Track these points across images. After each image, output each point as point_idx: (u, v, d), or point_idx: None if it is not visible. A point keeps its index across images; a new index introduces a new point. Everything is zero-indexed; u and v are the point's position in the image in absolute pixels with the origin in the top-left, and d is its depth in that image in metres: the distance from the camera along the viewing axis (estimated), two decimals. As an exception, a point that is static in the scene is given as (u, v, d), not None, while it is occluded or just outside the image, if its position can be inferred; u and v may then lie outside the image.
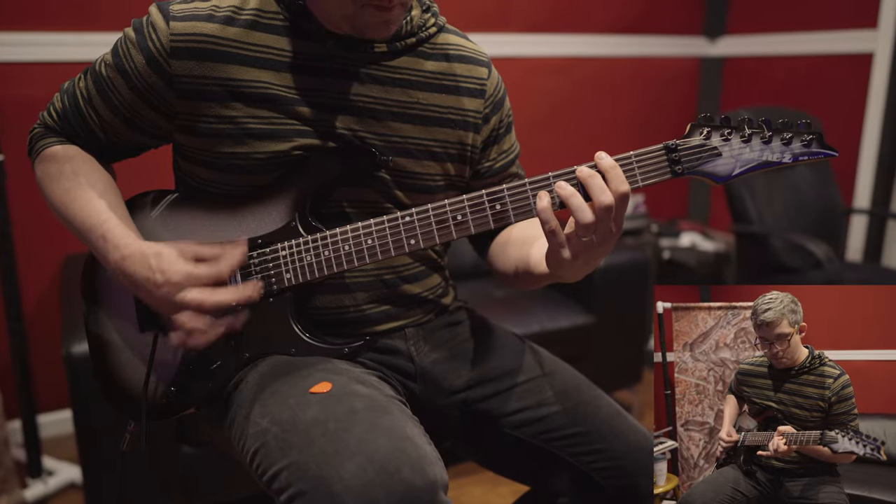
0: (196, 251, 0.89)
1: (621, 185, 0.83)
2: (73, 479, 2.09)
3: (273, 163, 0.94)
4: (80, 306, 1.77)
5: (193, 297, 0.86)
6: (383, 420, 0.81)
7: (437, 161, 1.02)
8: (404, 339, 1.06)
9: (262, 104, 0.93)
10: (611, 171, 0.83)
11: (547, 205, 0.83)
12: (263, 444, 0.83)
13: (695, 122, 0.84)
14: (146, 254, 0.87)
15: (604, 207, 0.82)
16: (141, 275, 0.87)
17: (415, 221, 0.90)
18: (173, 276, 0.86)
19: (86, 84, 0.99)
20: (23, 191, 2.11)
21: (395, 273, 1.03)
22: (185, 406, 0.98)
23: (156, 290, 0.87)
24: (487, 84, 1.07)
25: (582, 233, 0.83)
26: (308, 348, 0.95)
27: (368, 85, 0.97)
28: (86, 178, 0.96)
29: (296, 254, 0.94)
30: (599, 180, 0.83)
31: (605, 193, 0.82)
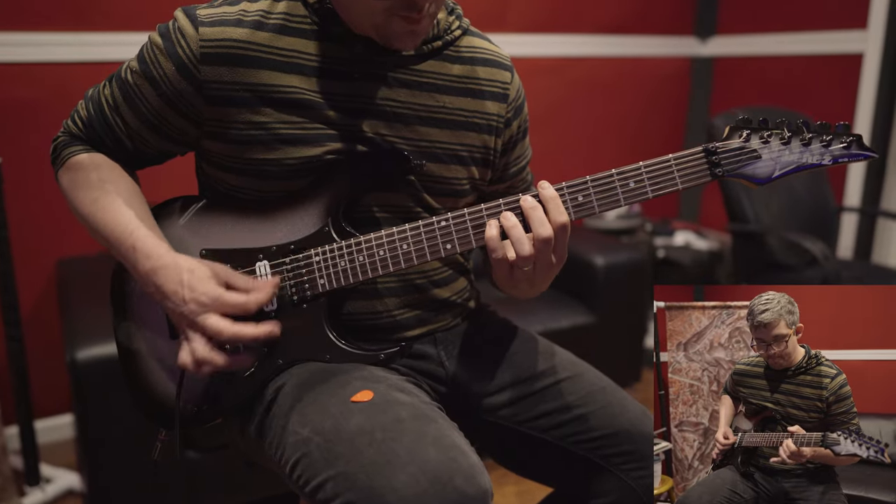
0: (229, 277, 0.89)
1: (559, 216, 0.85)
2: (72, 486, 2.06)
3: (305, 168, 0.93)
4: (79, 310, 1.80)
5: (213, 324, 0.85)
6: (430, 429, 0.81)
7: (463, 165, 1.02)
8: (434, 344, 1.06)
9: (293, 109, 0.92)
10: (550, 202, 0.86)
11: (495, 234, 0.86)
12: (305, 454, 0.82)
13: (733, 125, 0.85)
14: (181, 267, 0.87)
15: (542, 239, 0.85)
16: (169, 288, 0.86)
17: (451, 226, 0.90)
18: (201, 296, 0.85)
19: (111, 91, 0.97)
20: (17, 193, 2.08)
21: (425, 277, 1.03)
22: (216, 414, 0.97)
23: (180, 306, 0.86)
24: (510, 88, 1.07)
25: (521, 263, 0.86)
26: (343, 355, 0.94)
27: (396, 89, 0.96)
28: (113, 187, 0.95)
29: (329, 259, 0.93)
30: (540, 212, 0.86)
31: (544, 226, 0.85)
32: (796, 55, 3.03)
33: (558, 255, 0.88)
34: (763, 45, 3.15)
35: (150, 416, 0.99)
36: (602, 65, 3.16)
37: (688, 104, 3.46)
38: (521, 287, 0.94)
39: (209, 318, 0.85)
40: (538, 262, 0.87)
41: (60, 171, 1.00)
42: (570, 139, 3.12)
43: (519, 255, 0.86)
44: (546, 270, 0.89)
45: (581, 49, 3.07)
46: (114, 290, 1.01)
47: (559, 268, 0.91)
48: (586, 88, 3.14)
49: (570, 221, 0.86)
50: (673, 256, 2.93)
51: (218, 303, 0.86)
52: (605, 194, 0.87)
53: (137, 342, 0.99)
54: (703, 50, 3.37)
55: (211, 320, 0.85)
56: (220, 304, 0.86)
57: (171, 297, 0.86)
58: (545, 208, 0.86)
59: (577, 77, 3.09)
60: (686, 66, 3.40)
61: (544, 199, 0.86)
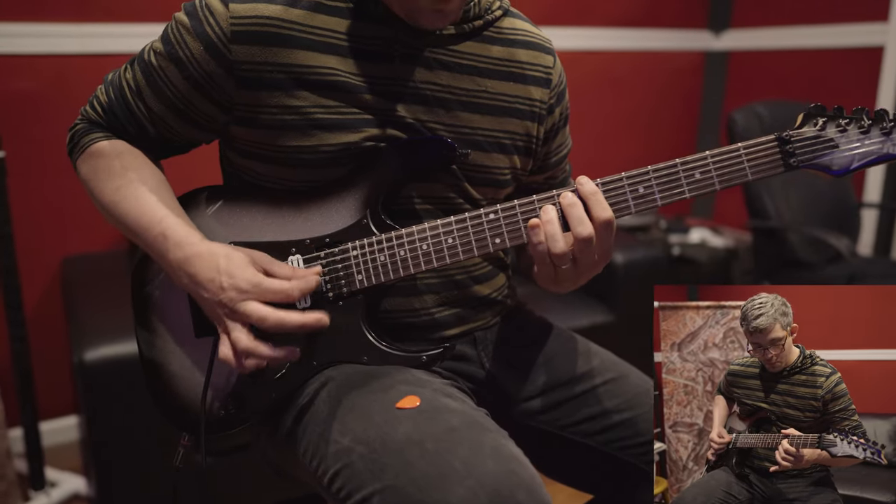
0: (268, 264, 0.82)
1: (602, 213, 0.80)
2: (78, 491, 2.00)
3: (343, 155, 0.87)
4: (85, 309, 1.74)
5: (256, 310, 0.79)
6: (486, 438, 0.75)
7: (505, 153, 0.97)
8: (473, 345, 1.01)
9: (329, 92, 0.86)
10: (591, 198, 0.80)
11: (543, 238, 0.81)
12: (347, 466, 0.76)
13: (807, 112, 0.79)
14: (216, 254, 0.80)
15: (582, 238, 0.79)
16: (205, 275, 0.80)
17: (500, 219, 0.84)
18: (241, 282, 0.79)
19: (133, 75, 0.91)
20: (21, 189, 2.02)
21: (466, 273, 0.97)
22: (244, 419, 0.91)
23: (218, 294, 0.79)
24: (553, 73, 1.02)
25: (557, 261, 0.81)
26: (382, 356, 0.88)
27: (436, 71, 0.91)
28: (137, 174, 0.89)
29: (368, 254, 0.87)
30: (579, 209, 0.80)
31: (583, 224, 0.79)
32: (814, 49, 2.97)
33: (601, 253, 0.83)
34: (780, 38, 3.10)
35: (174, 420, 0.93)
36: (612, 59, 3.09)
37: (701, 100, 3.40)
38: (564, 284, 0.88)
39: (250, 305, 0.79)
40: (579, 261, 0.82)
41: (80, 159, 0.93)
42: (579, 135, 3.03)
43: (552, 252, 0.80)
44: (589, 269, 0.84)
45: (590, 43, 3.01)
46: (134, 291, 0.95)
47: (603, 265, 0.86)
48: (596, 83, 3.08)
49: (614, 218, 0.81)
50: (689, 254, 2.88)
51: (259, 289, 0.79)
52: (669, 185, 0.81)
53: (160, 343, 0.93)
54: (717, 44, 3.31)
55: (252, 306, 0.79)
56: (262, 291, 0.79)
57: (207, 286, 0.80)
58: (585, 205, 0.80)
59: (586, 72, 3.03)
60: (699, 60, 3.34)
61: (584, 196, 0.80)
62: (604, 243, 0.81)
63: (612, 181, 0.82)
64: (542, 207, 0.82)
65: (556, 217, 0.81)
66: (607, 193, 0.81)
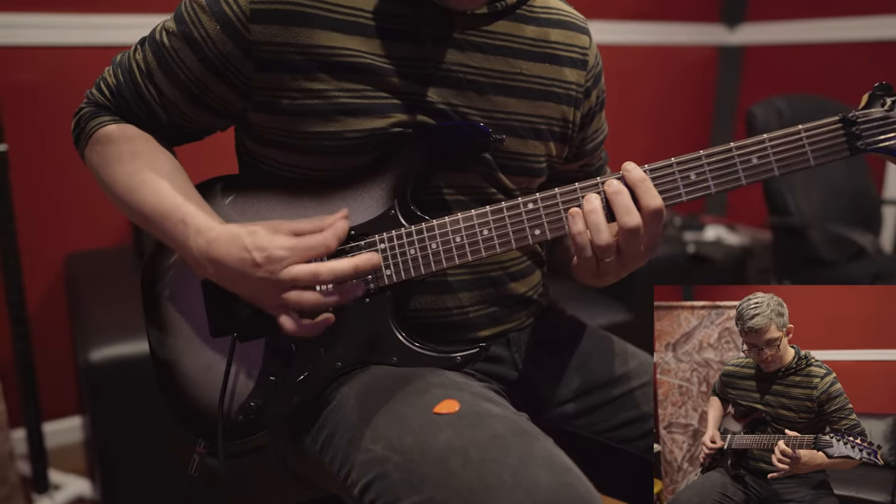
0: (292, 227, 0.76)
1: (652, 201, 0.75)
2: (82, 493, 1.96)
3: (369, 142, 0.82)
4: (90, 308, 1.69)
5: (303, 270, 0.73)
6: (535, 447, 0.69)
7: (541, 140, 0.91)
8: (507, 346, 0.95)
9: (354, 75, 0.80)
10: (640, 186, 0.75)
11: (583, 227, 0.76)
12: (381, 476, 0.70)
13: (873, 91, 0.73)
14: (237, 234, 0.74)
15: (628, 229, 0.74)
16: (234, 257, 0.74)
17: (540, 209, 0.78)
18: (275, 251, 0.73)
19: (143, 56, 0.85)
20: (24, 184, 1.97)
21: (502, 269, 0.91)
22: (263, 424, 0.85)
23: (255, 272, 0.73)
24: (589, 54, 0.96)
25: (600, 253, 0.76)
26: (413, 357, 0.82)
27: (468, 53, 0.85)
28: (150, 160, 0.83)
29: (396, 247, 0.81)
30: (625, 197, 0.75)
31: (630, 213, 0.74)
32: (834, 42, 2.90)
33: (647, 244, 0.77)
34: (797, 32, 3.03)
35: (188, 425, 0.87)
36: (623, 53, 3.03)
37: (714, 96, 3.34)
38: (606, 278, 0.84)
39: (294, 269, 0.73)
40: (624, 253, 0.76)
41: (87, 146, 0.87)
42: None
43: (596, 243, 0.75)
44: (634, 262, 0.79)
45: (601, 36, 2.92)
46: (144, 288, 0.89)
47: (648, 257, 0.80)
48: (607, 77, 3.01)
49: (664, 206, 0.75)
50: (704, 252, 2.81)
51: (297, 251, 0.73)
52: (723, 171, 0.75)
53: (173, 344, 0.87)
54: (732, 38, 3.25)
55: (297, 269, 0.73)
56: (300, 251, 0.73)
57: (238, 268, 0.74)
58: (633, 193, 0.75)
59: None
60: (713, 55, 3.28)
61: (631, 183, 0.75)
62: (651, 234, 0.76)
63: (661, 167, 0.76)
64: (584, 196, 0.76)
65: (601, 206, 0.75)
66: (656, 180, 0.76)
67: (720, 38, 3.25)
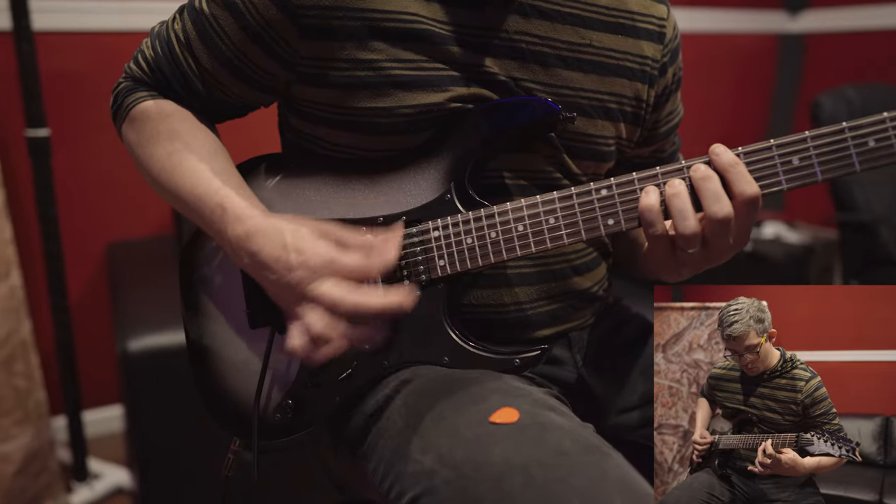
0: (341, 236, 0.69)
1: (747, 188, 0.66)
2: (121, 484, 1.94)
3: (424, 119, 0.74)
4: (130, 297, 1.67)
5: (329, 292, 0.66)
6: (608, 465, 0.60)
7: (611, 120, 0.82)
8: (568, 346, 0.87)
9: (410, 43, 0.73)
10: (731, 171, 0.66)
11: (654, 202, 0.68)
12: (429, 491, 0.62)
13: None
14: (281, 229, 0.68)
15: (717, 219, 0.66)
16: (271, 253, 0.67)
17: (615, 196, 0.70)
18: (312, 258, 0.66)
19: (182, 25, 0.79)
20: (68, 169, 1.95)
21: (566, 262, 0.83)
22: (302, 424, 0.79)
23: (286, 275, 0.67)
24: (667, 26, 0.87)
25: (682, 244, 0.67)
26: (467, 358, 0.75)
27: (533, 20, 0.77)
28: (189, 139, 0.77)
29: (452, 235, 0.74)
30: (714, 184, 0.66)
31: (720, 201, 0.66)
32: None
33: (738, 236, 0.68)
34: (862, 18, 2.87)
35: (223, 423, 0.82)
36: (679, 42, 2.92)
37: (774, 86, 3.19)
38: (682, 272, 0.76)
39: (323, 285, 0.66)
40: (711, 245, 0.68)
41: (124, 124, 0.82)
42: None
43: (680, 232, 0.67)
44: (720, 255, 0.70)
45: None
46: (182, 275, 0.83)
47: (737, 251, 0.71)
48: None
49: (760, 194, 0.66)
50: (762, 250, 2.69)
51: (333, 266, 0.66)
52: (833, 156, 0.65)
53: (209, 335, 0.81)
54: (793, 25, 3.09)
55: (325, 287, 0.66)
56: (336, 268, 0.66)
57: (272, 266, 0.68)
58: (724, 179, 0.66)
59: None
60: (773, 43, 3.13)
61: (722, 168, 0.66)
62: (743, 224, 0.67)
63: (757, 150, 0.67)
64: (667, 182, 0.68)
65: (686, 190, 0.67)
66: (751, 165, 0.67)
67: (781, 25, 3.10)
